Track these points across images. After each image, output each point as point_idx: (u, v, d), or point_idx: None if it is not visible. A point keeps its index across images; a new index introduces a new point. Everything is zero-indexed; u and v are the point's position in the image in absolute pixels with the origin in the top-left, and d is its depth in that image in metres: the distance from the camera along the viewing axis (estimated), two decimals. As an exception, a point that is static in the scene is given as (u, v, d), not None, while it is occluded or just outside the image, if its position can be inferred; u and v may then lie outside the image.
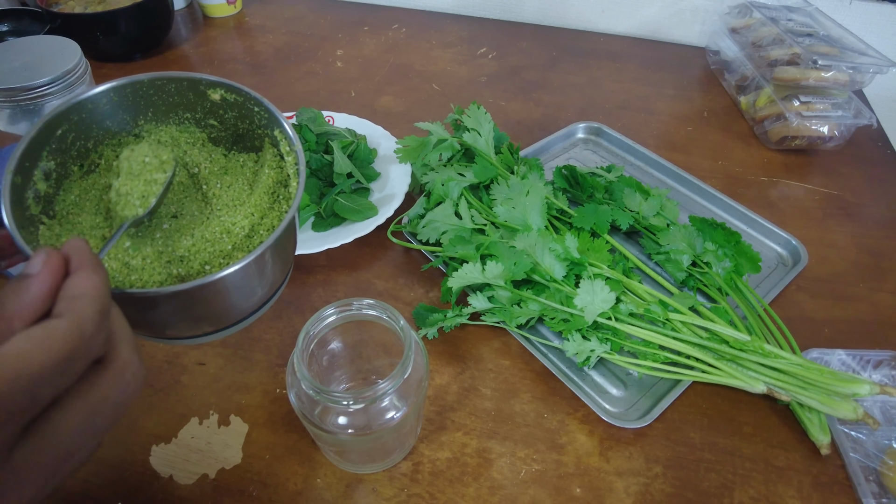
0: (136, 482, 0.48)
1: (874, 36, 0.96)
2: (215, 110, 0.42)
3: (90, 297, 0.26)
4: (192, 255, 0.38)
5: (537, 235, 0.57)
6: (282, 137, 0.41)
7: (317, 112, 0.75)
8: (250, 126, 0.42)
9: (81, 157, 0.39)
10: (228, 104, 0.42)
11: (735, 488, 0.49)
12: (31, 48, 0.64)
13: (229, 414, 0.53)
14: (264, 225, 0.41)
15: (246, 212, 0.40)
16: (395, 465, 0.49)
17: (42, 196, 0.37)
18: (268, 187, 0.41)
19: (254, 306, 0.39)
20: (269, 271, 0.38)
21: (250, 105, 0.41)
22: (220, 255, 0.39)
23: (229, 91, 0.40)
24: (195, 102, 0.41)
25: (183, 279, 0.37)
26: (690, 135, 0.88)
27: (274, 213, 0.41)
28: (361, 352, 0.51)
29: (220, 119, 0.43)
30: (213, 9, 1.12)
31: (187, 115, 0.42)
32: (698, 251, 0.61)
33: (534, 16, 1.15)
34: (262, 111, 0.41)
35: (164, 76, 0.39)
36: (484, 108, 0.67)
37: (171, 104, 0.41)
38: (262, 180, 0.42)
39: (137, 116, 0.41)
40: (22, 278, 0.26)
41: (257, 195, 0.41)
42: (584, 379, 0.56)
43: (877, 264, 0.69)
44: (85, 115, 0.38)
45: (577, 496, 0.48)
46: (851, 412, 0.48)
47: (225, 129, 0.43)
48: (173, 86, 0.40)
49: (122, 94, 0.39)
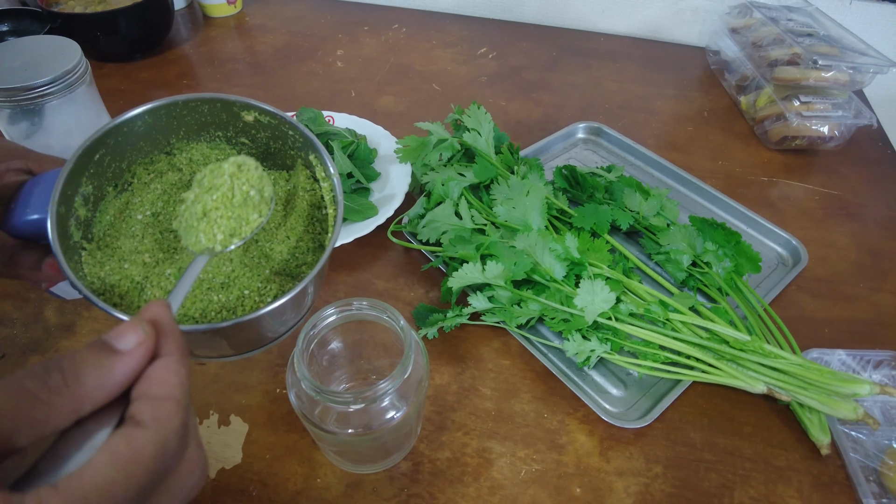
0: (137, 482, 0.48)
1: (874, 36, 0.96)
2: (248, 130, 0.42)
3: (177, 402, 0.23)
4: (232, 281, 0.38)
5: (537, 235, 0.57)
6: (317, 162, 0.41)
7: (317, 112, 0.75)
8: (282, 147, 0.42)
9: (116, 177, 0.39)
10: (262, 125, 0.41)
11: (735, 488, 0.49)
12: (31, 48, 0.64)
13: (229, 414, 0.53)
14: (300, 248, 0.41)
15: (282, 236, 0.41)
16: (395, 465, 0.49)
17: (82, 221, 0.37)
18: (303, 210, 0.42)
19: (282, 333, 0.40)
20: (306, 301, 0.39)
21: (284, 128, 0.41)
22: (259, 279, 0.39)
23: (263, 114, 0.40)
24: (228, 122, 0.41)
25: (224, 306, 0.37)
26: (690, 135, 0.88)
27: (309, 235, 0.41)
28: (361, 352, 0.51)
29: (252, 138, 0.43)
30: (214, 9, 1.12)
31: (219, 133, 0.42)
32: (698, 251, 0.61)
33: (534, 16, 1.15)
34: (296, 135, 0.41)
35: (199, 98, 0.39)
36: (484, 108, 0.67)
37: (203, 123, 0.41)
38: (297, 203, 0.42)
39: (170, 135, 0.41)
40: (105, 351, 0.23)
41: (293, 219, 0.41)
42: (585, 379, 0.56)
43: (877, 264, 0.69)
44: (121, 137, 0.38)
45: (577, 496, 0.48)
46: (851, 412, 0.48)
47: (256, 146, 0.43)
48: (207, 107, 0.40)
49: (157, 115, 0.38)
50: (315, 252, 0.41)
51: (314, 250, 0.41)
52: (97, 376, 0.22)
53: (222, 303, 0.37)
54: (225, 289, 0.37)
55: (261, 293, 0.38)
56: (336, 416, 0.42)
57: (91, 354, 0.23)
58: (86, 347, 0.23)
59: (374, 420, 0.42)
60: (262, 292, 0.38)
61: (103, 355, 0.23)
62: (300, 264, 0.41)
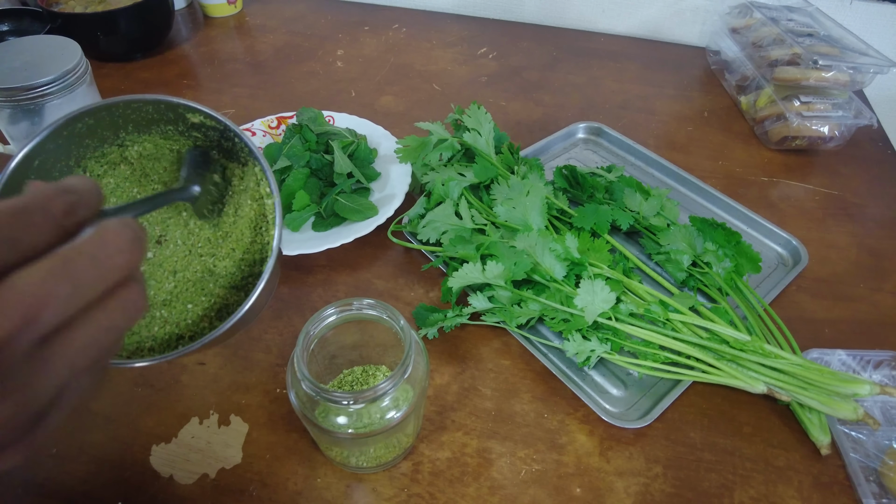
0: (137, 482, 0.48)
1: (874, 36, 0.96)
2: (198, 126, 0.41)
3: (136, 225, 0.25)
4: (175, 297, 0.38)
5: (537, 235, 0.57)
6: (262, 177, 0.40)
7: (317, 112, 0.75)
8: (233, 147, 0.41)
9: (65, 173, 0.38)
10: (208, 127, 0.41)
11: (735, 488, 0.49)
12: (31, 48, 0.64)
13: (229, 414, 0.53)
14: (246, 260, 0.40)
15: (228, 249, 0.40)
16: (395, 465, 0.49)
17: None
18: (250, 220, 0.41)
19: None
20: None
21: (229, 134, 0.40)
22: (202, 293, 0.39)
23: (208, 118, 0.39)
24: (176, 120, 0.41)
25: (166, 321, 0.38)
26: (691, 135, 0.88)
27: (256, 246, 0.41)
28: (361, 352, 0.51)
29: (204, 133, 0.42)
30: (214, 8, 1.12)
31: (169, 127, 0.41)
32: (698, 251, 0.61)
33: (534, 16, 1.15)
34: (241, 144, 0.40)
35: (142, 99, 0.38)
36: (484, 108, 0.67)
37: (151, 120, 0.40)
38: (244, 213, 0.41)
39: (118, 131, 0.40)
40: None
41: (239, 230, 0.40)
42: (585, 379, 0.56)
43: (877, 264, 0.69)
44: (61, 141, 0.37)
45: (577, 496, 0.48)
46: (852, 412, 0.48)
47: (208, 140, 0.42)
48: (151, 107, 0.39)
49: (98, 117, 0.37)
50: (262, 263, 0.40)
51: (262, 262, 0.40)
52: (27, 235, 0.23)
53: (165, 318, 0.37)
54: (167, 305, 0.38)
55: (206, 305, 0.39)
56: (336, 416, 0.42)
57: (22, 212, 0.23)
58: None
59: (374, 420, 0.42)
60: (206, 305, 0.39)
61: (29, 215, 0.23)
62: (245, 276, 0.40)
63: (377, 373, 0.52)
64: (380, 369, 0.52)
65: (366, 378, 0.51)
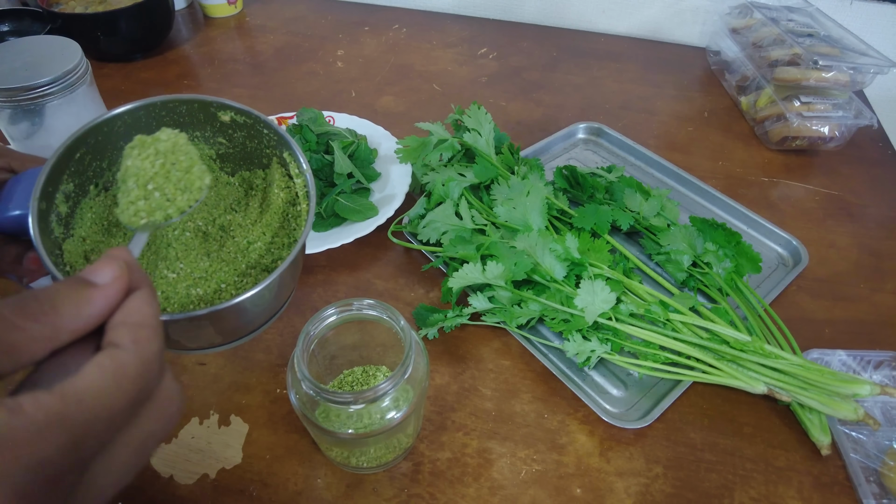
0: (137, 482, 0.48)
1: (875, 36, 0.96)
2: (225, 130, 0.43)
3: (154, 329, 0.24)
4: (209, 275, 0.40)
5: (538, 236, 0.57)
6: (291, 160, 0.42)
7: (317, 112, 0.75)
8: (258, 146, 0.44)
9: (97, 175, 0.40)
10: (238, 125, 0.43)
11: (735, 489, 0.49)
12: (31, 48, 0.63)
13: (230, 414, 0.53)
14: (276, 244, 0.42)
15: (258, 232, 0.42)
16: (395, 465, 0.49)
17: (63, 217, 0.37)
18: (278, 207, 0.43)
19: (263, 321, 0.41)
20: (282, 290, 0.40)
21: (259, 127, 0.42)
22: (235, 273, 0.41)
23: (239, 113, 0.42)
24: (205, 122, 0.42)
25: (202, 299, 0.39)
26: (691, 135, 0.88)
27: (284, 231, 0.43)
28: (361, 352, 0.51)
29: (229, 138, 0.44)
30: (214, 9, 1.12)
31: (197, 133, 0.43)
32: (699, 251, 0.61)
33: (534, 16, 1.15)
34: (271, 133, 0.42)
35: (177, 99, 0.40)
36: (484, 109, 0.67)
37: (180, 124, 0.42)
38: (272, 200, 0.43)
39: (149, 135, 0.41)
40: (82, 284, 0.23)
41: (269, 215, 0.43)
42: (585, 379, 0.56)
43: (877, 264, 0.69)
44: (101, 137, 0.38)
45: (577, 496, 0.48)
46: (852, 413, 0.48)
47: (233, 146, 0.44)
48: (185, 107, 0.41)
49: (135, 116, 0.39)
50: (290, 248, 0.42)
51: (289, 245, 0.42)
52: (74, 306, 0.22)
53: (200, 296, 0.39)
54: (203, 282, 0.39)
55: (237, 286, 0.40)
56: (336, 416, 0.42)
57: (68, 287, 0.23)
58: (62, 282, 0.23)
59: (374, 420, 0.42)
60: (238, 285, 0.40)
61: (81, 287, 0.23)
62: (275, 259, 0.42)
63: (377, 373, 0.52)
64: (380, 370, 0.52)
65: (366, 378, 0.51)
